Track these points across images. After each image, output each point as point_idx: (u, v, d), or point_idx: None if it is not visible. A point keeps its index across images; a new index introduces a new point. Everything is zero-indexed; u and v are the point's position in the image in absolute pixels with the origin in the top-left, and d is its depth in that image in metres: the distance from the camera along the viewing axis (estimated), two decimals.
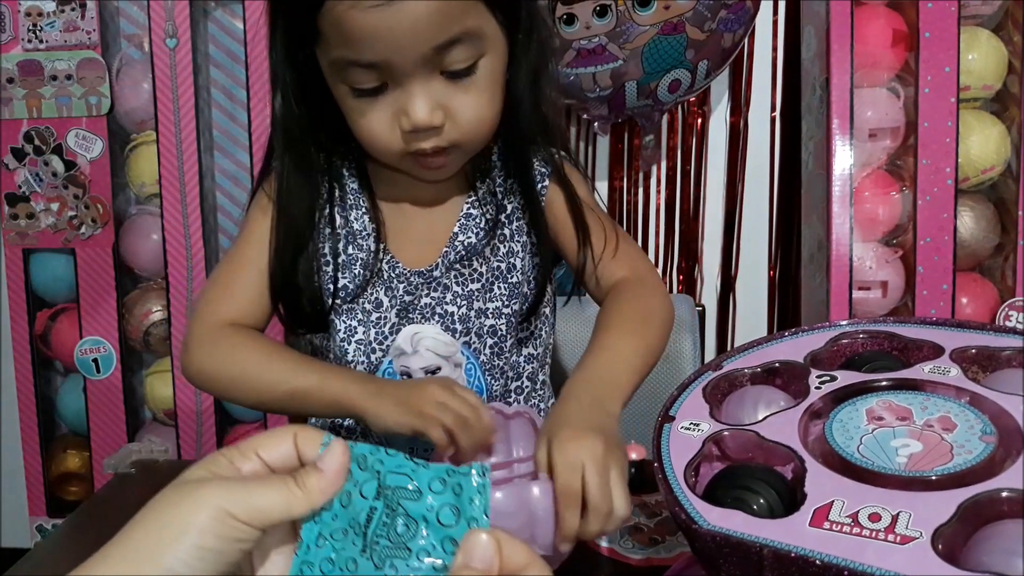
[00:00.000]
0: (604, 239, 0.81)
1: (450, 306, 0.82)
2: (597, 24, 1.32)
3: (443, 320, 0.82)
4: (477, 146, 0.77)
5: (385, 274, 0.82)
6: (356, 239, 0.82)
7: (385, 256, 0.82)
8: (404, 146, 0.73)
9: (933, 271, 1.33)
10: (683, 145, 1.62)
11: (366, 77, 0.70)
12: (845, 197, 1.34)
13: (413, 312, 0.82)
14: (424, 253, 0.83)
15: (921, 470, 0.40)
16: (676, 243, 1.66)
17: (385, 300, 0.82)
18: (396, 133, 0.73)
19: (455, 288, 0.82)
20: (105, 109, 1.48)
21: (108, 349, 1.53)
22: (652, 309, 0.76)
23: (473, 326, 0.82)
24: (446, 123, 0.72)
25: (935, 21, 1.31)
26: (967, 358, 0.50)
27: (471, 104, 0.72)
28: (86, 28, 1.46)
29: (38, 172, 1.50)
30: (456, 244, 0.82)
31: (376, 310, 0.82)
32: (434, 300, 0.82)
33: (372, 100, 0.72)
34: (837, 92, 1.34)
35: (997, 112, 1.38)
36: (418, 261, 0.82)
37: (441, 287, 0.82)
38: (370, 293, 0.82)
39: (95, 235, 1.51)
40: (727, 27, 1.35)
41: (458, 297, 0.82)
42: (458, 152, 0.76)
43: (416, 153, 0.74)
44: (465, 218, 0.83)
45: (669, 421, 0.49)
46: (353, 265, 0.81)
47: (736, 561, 0.38)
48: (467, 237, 0.82)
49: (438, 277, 0.82)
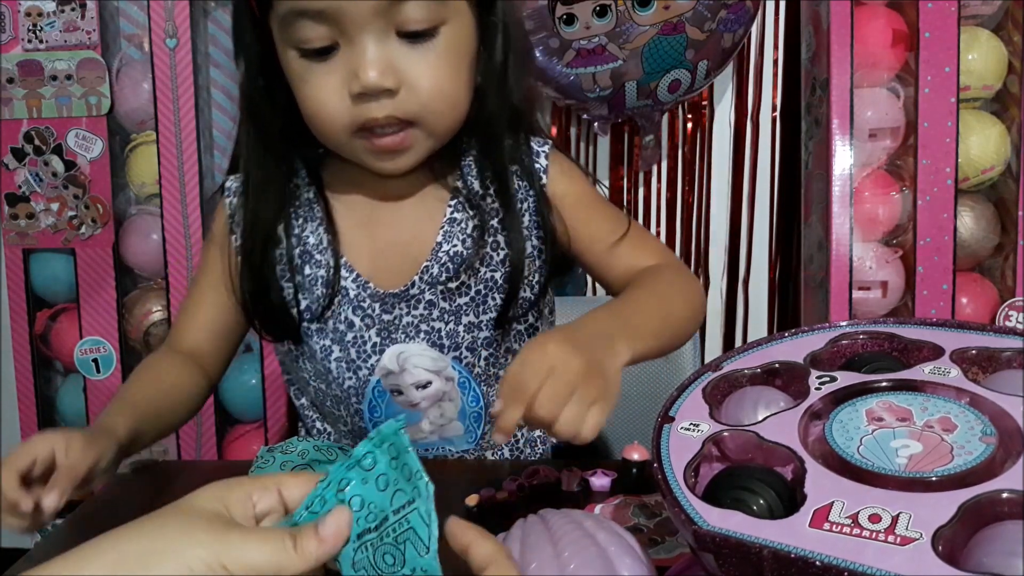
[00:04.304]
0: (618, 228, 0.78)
1: (436, 322, 0.76)
2: (597, 24, 1.32)
3: (429, 337, 0.76)
4: (440, 128, 0.70)
5: (352, 293, 0.76)
6: (313, 255, 0.76)
7: (349, 274, 0.76)
8: (353, 117, 0.67)
9: (933, 271, 1.33)
10: (683, 145, 1.62)
11: (316, 33, 0.65)
12: (845, 197, 1.34)
13: (395, 332, 0.76)
14: (399, 268, 0.76)
15: (921, 471, 0.40)
16: (677, 243, 1.66)
17: (357, 320, 0.76)
18: (346, 102, 0.67)
19: (441, 304, 0.76)
20: (105, 109, 1.48)
21: (108, 349, 1.53)
22: (688, 290, 0.75)
23: (464, 341, 0.77)
24: (401, 90, 0.66)
25: (935, 21, 1.31)
26: (967, 359, 0.50)
27: (429, 71, 0.67)
28: (86, 28, 1.46)
29: (38, 172, 1.50)
30: (440, 255, 0.75)
31: (350, 330, 0.76)
32: (417, 318, 0.76)
33: (321, 62, 0.66)
34: (837, 92, 1.34)
35: (997, 112, 1.38)
36: (392, 278, 0.76)
37: (424, 304, 0.76)
38: (338, 313, 0.76)
39: (95, 235, 1.51)
40: (727, 27, 1.35)
41: (445, 313, 0.76)
42: (418, 134, 0.69)
43: (368, 130, 0.68)
44: (449, 224, 0.76)
45: (669, 422, 0.49)
46: (314, 285, 0.76)
47: (736, 562, 0.38)
48: (453, 246, 0.75)
49: (417, 295, 0.75)
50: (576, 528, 0.49)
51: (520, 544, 0.49)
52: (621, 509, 0.64)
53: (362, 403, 0.79)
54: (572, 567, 0.46)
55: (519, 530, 0.51)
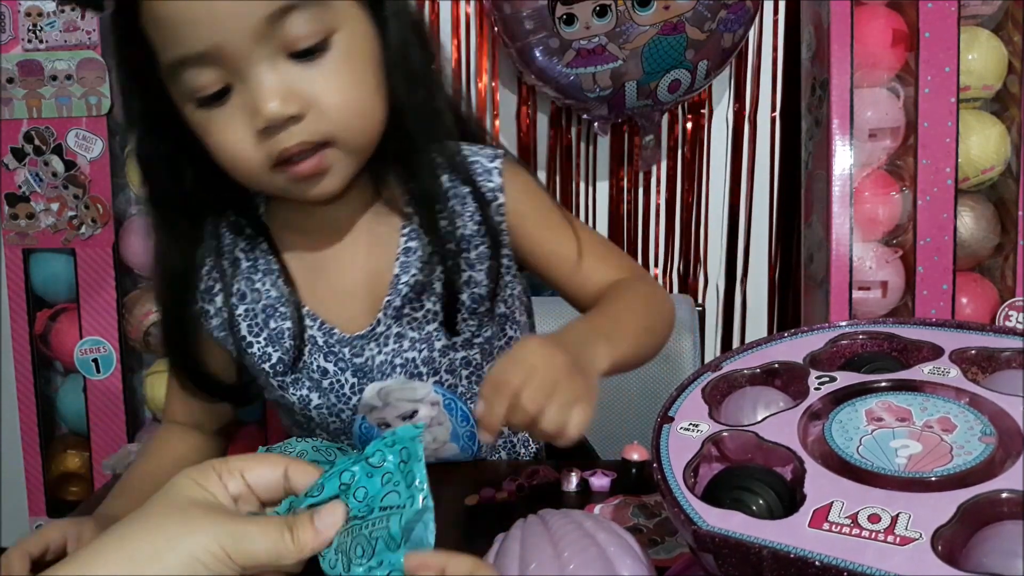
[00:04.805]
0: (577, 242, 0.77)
1: (409, 353, 0.74)
2: (597, 24, 1.32)
3: (406, 369, 0.74)
4: (356, 143, 0.66)
5: (320, 340, 0.74)
6: (277, 308, 0.74)
7: (313, 323, 0.74)
8: (266, 154, 0.63)
9: (933, 271, 1.33)
10: (683, 145, 1.62)
11: (204, 77, 0.61)
12: (845, 197, 1.34)
13: (371, 372, 0.74)
14: (362, 308, 0.74)
15: (921, 471, 0.40)
16: (677, 243, 1.66)
17: (330, 366, 0.74)
18: (254, 141, 0.63)
19: (411, 334, 0.74)
20: (105, 109, 1.48)
21: (108, 349, 1.53)
22: (659, 302, 0.75)
23: (441, 364, 0.75)
24: (308, 114, 0.62)
25: (935, 21, 1.31)
26: (967, 359, 0.50)
27: (331, 87, 0.62)
28: (86, 28, 1.46)
29: (38, 172, 1.50)
30: (400, 287, 0.72)
31: (324, 377, 0.75)
32: (390, 354, 0.74)
33: (219, 107, 0.62)
34: (837, 92, 1.34)
35: (997, 112, 1.38)
36: (357, 319, 0.74)
37: (393, 339, 0.74)
38: (310, 363, 0.74)
39: (95, 235, 1.51)
40: (727, 27, 1.35)
41: (417, 342, 0.74)
42: (335, 153, 0.65)
43: (285, 163, 0.64)
44: (404, 254, 0.73)
45: (668, 422, 0.49)
46: (281, 339, 0.74)
47: (735, 562, 0.38)
48: (412, 276, 0.72)
49: (384, 332, 0.73)
50: (576, 528, 0.49)
51: (520, 544, 0.49)
52: (621, 509, 0.64)
53: (352, 440, 0.78)
54: (572, 567, 0.46)
55: (519, 530, 0.51)
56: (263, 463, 0.42)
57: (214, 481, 0.40)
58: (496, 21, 1.41)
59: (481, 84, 1.61)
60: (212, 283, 0.76)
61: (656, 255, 1.66)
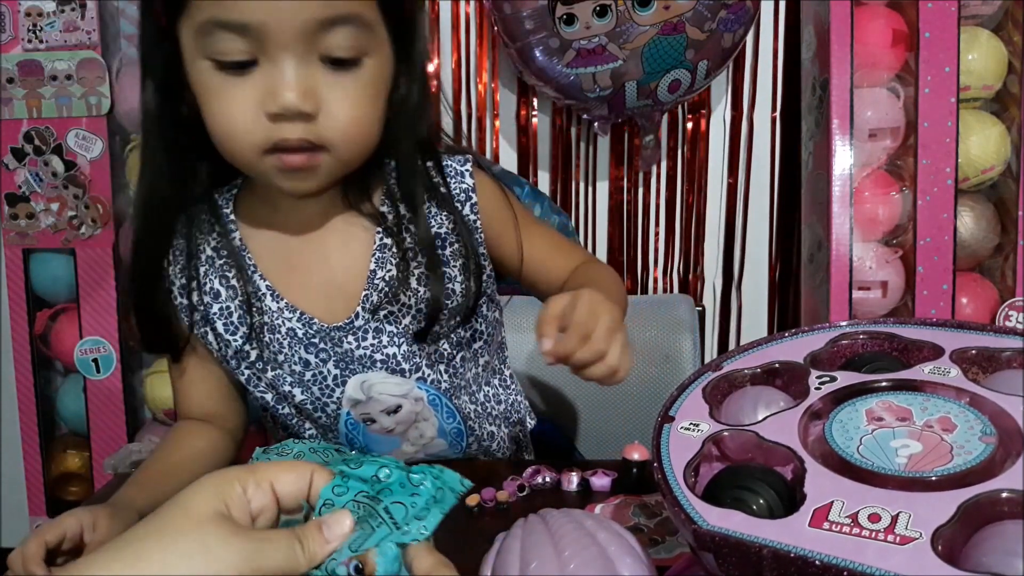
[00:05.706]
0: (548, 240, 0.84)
1: (389, 348, 0.75)
2: (597, 24, 1.32)
3: (386, 364, 0.76)
4: (349, 157, 0.69)
5: (300, 332, 0.75)
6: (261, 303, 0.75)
7: (292, 314, 0.75)
8: (266, 136, 0.64)
9: (933, 271, 1.33)
10: (683, 145, 1.62)
11: (235, 46, 0.62)
12: (845, 197, 1.35)
13: (352, 363, 0.75)
14: (338, 302, 0.75)
15: (921, 471, 0.40)
16: (676, 243, 1.66)
17: (311, 357, 0.75)
18: (260, 121, 0.64)
19: (389, 328, 0.75)
20: (105, 109, 1.48)
21: (108, 349, 1.53)
22: (619, 280, 0.85)
23: (422, 360, 0.77)
24: (319, 116, 0.64)
25: (935, 21, 1.31)
26: (967, 359, 0.50)
27: (349, 101, 0.65)
28: (86, 28, 1.46)
29: (38, 172, 1.50)
30: (377, 282, 0.74)
31: (307, 369, 0.76)
32: (369, 349, 0.75)
33: (238, 77, 0.63)
34: (837, 92, 1.34)
35: (997, 112, 1.38)
36: (335, 312, 0.75)
37: (372, 333, 0.75)
38: (291, 356, 0.76)
39: (95, 235, 1.51)
40: (727, 27, 1.35)
41: (396, 336, 0.76)
42: (328, 160, 0.67)
43: (279, 150, 0.65)
44: (380, 250, 0.75)
45: (669, 421, 0.49)
46: (261, 333, 0.75)
47: (735, 561, 0.38)
48: (388, 271, 0.74)
49: (363, 326, 0.75)
50: (576, 528, 0.49)
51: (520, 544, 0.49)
52: (621, 509, 0.64)
53: (340, 438, 0.79)
54: (572, 567, 0.46)
55: (519, 530, 0.51)
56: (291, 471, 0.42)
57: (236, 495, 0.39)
58: (496, 21, 1.41)
59: (481, 84, 1.61)
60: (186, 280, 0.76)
61: (656, 255, 1.66)
